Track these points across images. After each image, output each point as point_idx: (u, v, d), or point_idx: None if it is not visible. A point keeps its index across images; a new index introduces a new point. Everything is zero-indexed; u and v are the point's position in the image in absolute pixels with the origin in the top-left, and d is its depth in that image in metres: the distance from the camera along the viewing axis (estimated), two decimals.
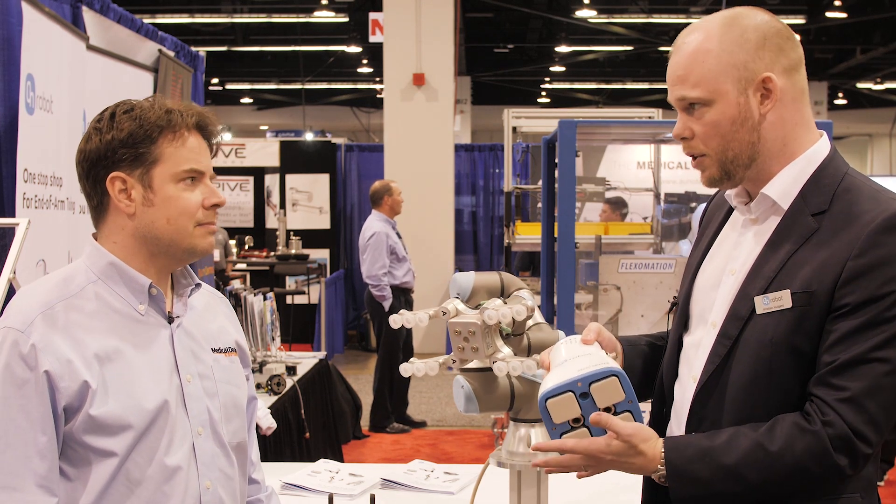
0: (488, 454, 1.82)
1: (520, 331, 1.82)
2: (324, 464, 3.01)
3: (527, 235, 6.65)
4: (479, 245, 12.90)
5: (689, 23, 1.73)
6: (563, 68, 19.25)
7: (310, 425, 4.87)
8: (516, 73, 19.67)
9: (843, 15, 14.43)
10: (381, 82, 12.82)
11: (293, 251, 9.99)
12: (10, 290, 3.02)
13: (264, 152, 12.45)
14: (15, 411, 1.53)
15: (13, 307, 1.62)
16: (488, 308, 1.73)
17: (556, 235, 4.54)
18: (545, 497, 1.78)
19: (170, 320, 1.71)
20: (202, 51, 6.81)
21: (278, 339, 5.07)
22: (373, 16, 11.43)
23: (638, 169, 8.99)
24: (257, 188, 12.56)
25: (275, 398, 4.46)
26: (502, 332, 1.77)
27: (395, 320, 1.79)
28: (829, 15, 14.37)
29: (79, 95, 4.16)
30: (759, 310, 1.60)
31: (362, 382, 9.24)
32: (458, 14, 11.67)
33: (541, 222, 5.57)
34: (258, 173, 12.45)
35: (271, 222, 12.20)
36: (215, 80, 19.45)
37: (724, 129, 1.63)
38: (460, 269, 10.78)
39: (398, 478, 2.88)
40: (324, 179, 12.25)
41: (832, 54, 18.21)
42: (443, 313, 1.75)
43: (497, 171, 12.92)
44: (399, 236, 7.38)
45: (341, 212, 12.68)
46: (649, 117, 7.51)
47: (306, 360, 5.44)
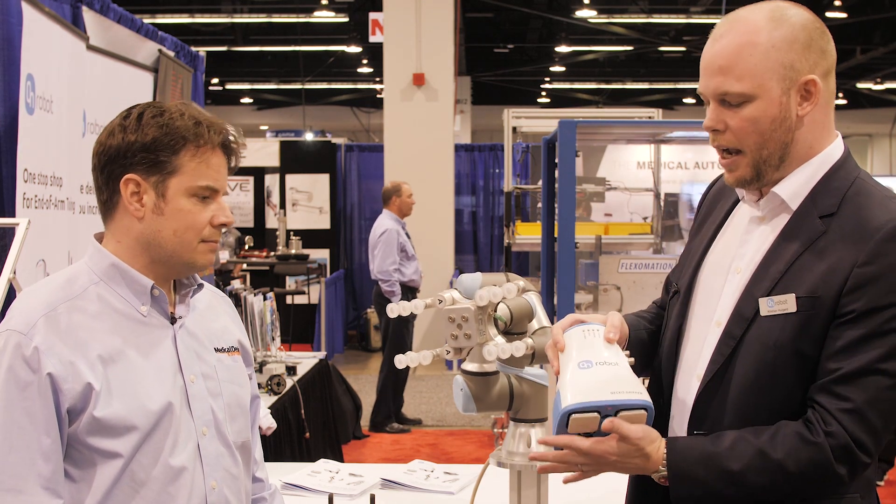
0: (488, 454, 1.82)
1: (520, 329, 1.81)
2: (324, 464, 3.01)
3: (527, 235, 6.65)
4: (479, 245, 12.90)
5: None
6: (563, 68, 19.25)
7: (310, 425, 4.87)
8: (516, 73, 19.67)
9: (843, 15, 14.43)
10: (381, 82, 12.81)
11: (293, 251, 9.99)
12: (11, 290, 3.02)
13: (264, 152, 12.45)
14: (18, 414, 1.53)
15: (16, 309, 1.61)
16: (480, 291, 1.73)
17: (556, 235, 4.54)
18: (545, 497, 1.78)
19: (172, 321, 1.71)
20: (202, 51, 6.81)
21: (278, 339, 5.07)
22: (373, 16, 11.43)
23: (638, 169, 9.00)
24: (257, 188, 12.57)
25: (275, 398, 4.46)
26: (497, 321, 1.77)
27: (393, 309, 1.78)
28: (829, 15, 14.36)
29: (79, 95, 4.16)
30: (763, 312, 1.59)
31: (362, 382, 9.24)
32: (458, 14, 11.67)
33: (541, 222, 5.58)
34: (258, 173, 12.45)
35: (271, 222, 12.21)
36: (215, 80, 19.44)
37: (762, 127, 1.59)
38: (460, 270, 10.79)
39: (398, 478, 2.88)
40: (324, 179, 12.26)
41: None
42: (439, 301, 1.74)
43: (497, 171, 12.92)
44: (408, 236, 7.50)
45: (341, 212, 12.68)
46: (649, 117, 7.51)
47: (306, 360, 5.44)
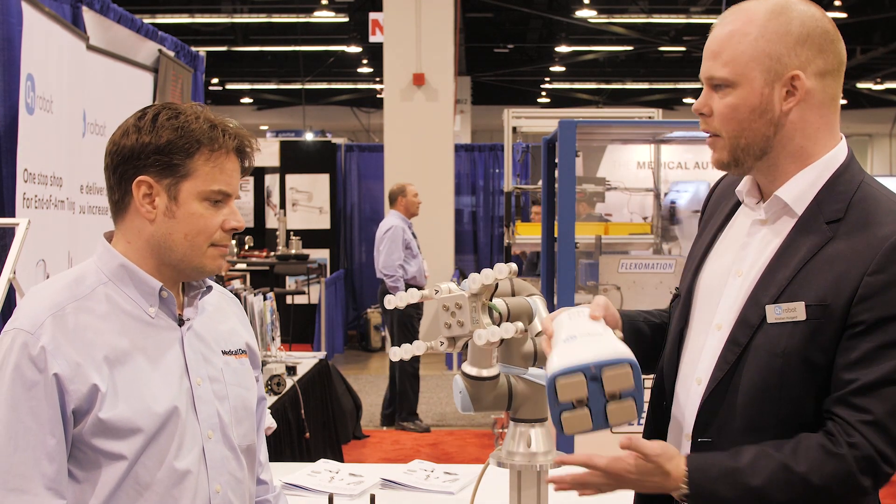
0: (488, 454, 1.82)
1: (516, 318, 1.80)
2: (324, 464, 3.01)
3: (527, 235, 6.65)
4: (479, 245, 12.91)
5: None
6: (563, 68, 19.25)
7: (310, 425, 4.87)
8: (516, 73, 19.67)
9: (843, 15, 14.42)
10: (381, 82, 12.82)
11: (293, 251, 9.99)
12: (11, 289, 3.02)
13: (264, 152, 12.42)
14: (24, 413, 1.53)
15: (23, 308, 1.61)
16: (473, 275, 1.72)
17: (556, 235, 4.54)
18: (545, 497, 1.78)
19: (180, 323, 1.71)
20: (202, 51, 6.81)
21: (278, 339, 5.07)
22: (373, 16, 11.43)
23: (638, 169, 8.98)
24: (257, 188, 12.57)
25: (275, 398, 4.46)
26: (492, 310, 1.76)
27: (390, 300, 1.77)
28: (829, 15, 14.36)
29: (79, 95, 4.16)
30: (770, 319, 1.57)
31: (362, 382, 9.24)
32: (458, 14, 11.67)
33: (541, 222, 5.58)
34: (258, 173, 12.45)
35: (271, 222, 12.21)
36: (215, 80, 19.44)
37: (741, 115, 1.60)
38: (461, 270, 10.79)
39: (398, 478, 2.88)
40: (324, 179, 12.26)
41: None
42: (436, 291, 1.74)
43: (497, 171, 12.92)
44: (414, 235, 7.54)
45: (341, 212, 12.69)
46: (649, 117, 7.51)
47: (306, 360, 5.44)
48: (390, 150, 10.85)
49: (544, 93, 22.13)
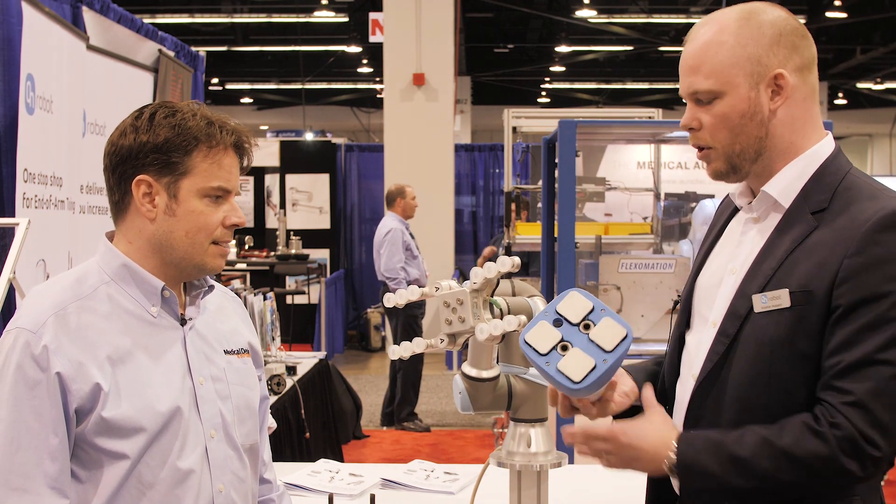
0: (488, 454, 1.82)
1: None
2: (324, 464, 3.01)
3: (527, 235, 6.65)
4: (479, 245, 12.91)
5: (690, 23, 1.74)
6: (563, 68, 19.25)
7: (310, 425, 4.87)
8: (516, 73, 19.67)
9: (843, 15, 14.43)
10: (381, 82, 12.82)
11: (293, 251, 9.99)
12: (11, 290, 3.02)
13: (264, 152, 12.44)
14: (27, 413, 1.53)
15: (26, 307, 1.61)
16: (475, 269, 1.73)
17: (556, 235, 4.54)
18: (545, 497, 1.78)
19: (182, 322, 1.71)
20: (202, 51, 6.81)
21: (278, 339, 5.07)
22: (373, 16, 11.43)
23: (638, 169, 8.99)
24: (257, 188, 12.57)
25: (275, 398, 4.46)
26: (493, 305, 1.76)
27: (389, 298, 1.77)
28: (829, 15, 14.37)
29: (79, 95, 4.17)
30: (757, 308, 1.59)
31: (362, 382, 9.24)
32: (458, 14, 11.67)
33: (541, 222, 5.58)
34: (258, 173, 12.45)
35: (271, 222, 12.21)
36: (215, 80, 19.43)
37: (732, 122, 1.63)
38: (461, 270, 10.79)
39: (398, 478, 2.88)
40: (324, 179, 12.26)
41: (832, 54, 18.21)
42: (436, 289, 1.73)
43: (497, 171, 12.93)
44: (412, 236, 7.56)
45: (341, 212, 12.69)
46: (649, 117, 7.50)
47: (306, 360, 5.44)
48: (390, 150, 10.85)
49: (544, 93, 22.13)
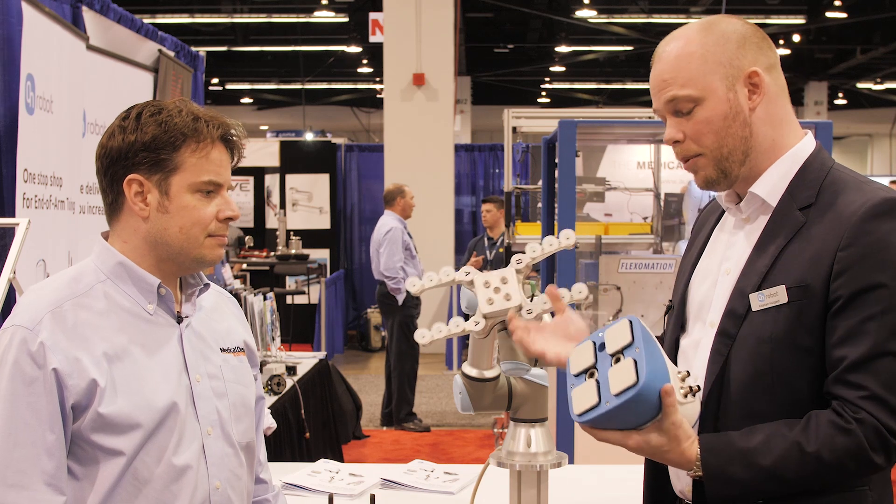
0: (488, 454, 1.82)
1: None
2: (324, 464, 3.01)
3: (527, 235, 6.64)
4: None
5: (690, 22, 1.74)
6: (563, 68, 19.25)
7: (310, 425, 4.87)
8: (516, 73, 19.67)
9: (843, 15, 14.43)
10: (381, 82, 12.82)
11: (293, 251, 10.00)
12: (11, 289, 3.02)
13: (264, 152, 12.45)
14: (23, 409, 1.53)
15: (22, 305, 1.61)
16: (518, 256, 1.73)
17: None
18: (545, 497, 1.78)
19: (179, 320, 1.71)
20: (202, 51, 6.81)
21: (278, 339, 5.07)
22: (373, 16, 11.43)
23: (638, 169, 8.98)
24: (257, 188, 12.58)
25: (275, 398, 4.46)
26: (531, 288, 1.76)
27: (413, 283, 1.76)
28: (829, 15, 14.37)
29: (79, 95, 4.16)
30: (754, 307, 1.60)
31: (362, 382, 9.24)
32: (458, 14, 11.67)
33: (541, 222, 5.58)
34: (258, 173, 12.46)
35: (271, 222, 12.21)
36: (215, 80, 19.44)
37: (716, 126, 1.64)
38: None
39: (398, 478, 2.88)
40: (324, 179, 12.26)
41: (832, 54, 18.22)
42: (466, 273, 1.73)
43: (497, 171, 12.92)
44: (410, 236, 7.57)
45: (341, 212, 12.69)
46: (649, 117, 7.48)
47: (306, 360, 5.44)
48: (390, 150, 10.85)
49: (544, 93, 22.12)
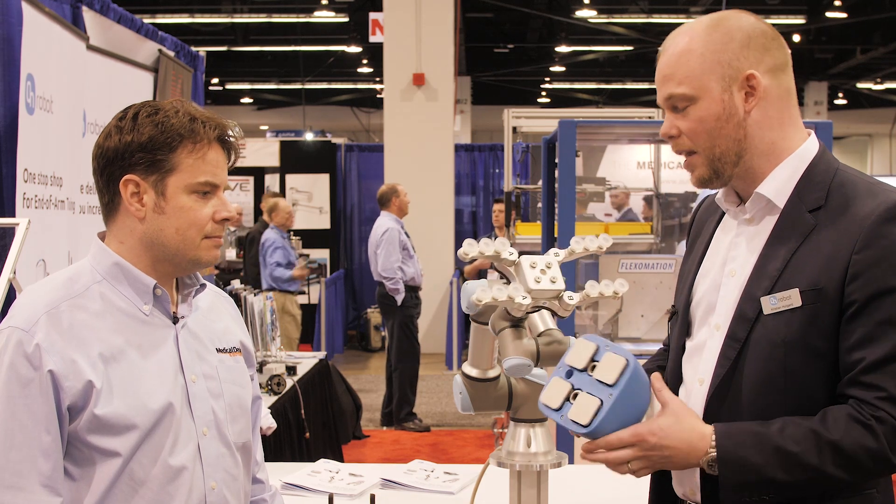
0: (488, 454, 1.82)
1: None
2: (324, 464, 3.01)
3: (527, 235, 6.64)
4: None
5: (700, 18, 1.75)
6: (563, 68, 19.25)
7: (310, 425, 4.87)
8: (516, 73, 19.66)
9: (843, 15, 14.43)
10: (381, 82, 12.82)
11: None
12: (11, 289, 3.02)
13: (264, 152, 12.45)
14: (19, 411, 1.53)
15: (18, 306, 1.61)
16: (563, 252, 1.74)
17: (556, 235, 4.54)
18: (545, 497, 1.78)
19: (175, 321, 1.71)
20: (202, 51, 6.81)
21: (278, 339, 5.07)
22: (373, 16, 11.43)
23: (638, 169, 8.99)
24: (257, 188, 12.57)
25: (275, 398, 4.46)
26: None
27: (470, 243, 1.68)
28: (829, 15, 14.38)
29: (79, 95, 4.16)
30: (766, 310, 1.59)
31: (362, 382, 9.24)
32: (458, 14, 11.67)
33: (541, 222, 5.57)
34: (258, 173, 12.46)
35: None
36: (215, 80, 19.44)
37: (709, 126, 1.65)
38: (460, 270, 10.78)
39: (398, 478, 2.88)
40: (324, 179, 12.27)
41: (832, 54, 18.21)
42: (510, 253, 1.71)
43: (497, 171, 12.92)
44: (408, 235, 7.58)
45: (341, 212, 12.69)
46: (649, 117, 7.50)
47: (306, 360, 5.44)
48: (390, 150, 10.85)
49: (544, 93, 22.12)
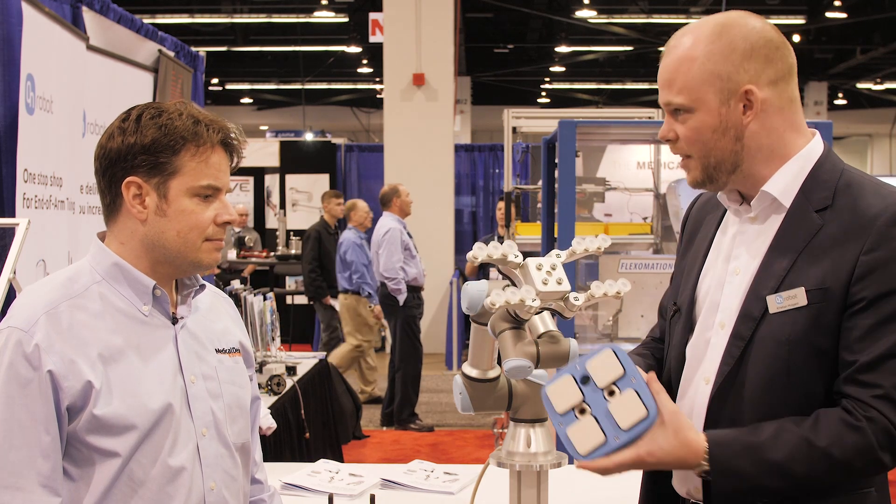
0: (488, 454, 1.82)
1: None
2: (324, 464, 3.01)
3: (527, 235, 6.64)
4: None
5: (689, 23, 1.74)
6: (563, 68, 19.25)
7: (310, 425, 4.86)
8: (516, 73, 19.67)
9: (843, 15, 14.43)
10: (381, 82, 12.82)
11: (293, 251, 10.00)
12: (11, 290, 3.02)
13: (264, 152, 12.45)
14: (19, 411, 1.53)
15: (17, 307, 1.61)
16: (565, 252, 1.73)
17: (556, 235, 4.54)
18: (545, 497, 1.78)
19: (174, 321, 1.71)
20: (202, 51, 6.80)
21: (278, 339, 5.07)
22: (373, 16, 11.43)
23: (638, 169, 8.97)
24: (257, 188, 12.58)
25: (275, 398, 4.46)
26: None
27: (479, 247, 1.68)
28: (829, 15, 14.37)
29: (79, 95, 4.16)
30: (772, 309, 1.60)
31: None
32: (458, 14, 11.67)
33: (541, 222, 5.57)
34: (258, 173, 12.46)
35: (271, 222, 12.21)
36: (215, 80, 19.44)
37: (705, 137, 1.65)
38: (460, 270, 10.78)
39: (398, 478, 2.88)
40: (324, 179, 12.27)
41: (832, 54, 18.21)
42: (515, 256, 1.71)
43: (497, 171, 12.92)
44: (410, 235, 7.58)
45: None
46: (649, 117, 7.49)
47: (306, 361, 5.43)
48: (390, 150, 10.84)
49: (544, 93, 22.12)
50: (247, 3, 15.38)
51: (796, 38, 15.88)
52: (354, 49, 16.75)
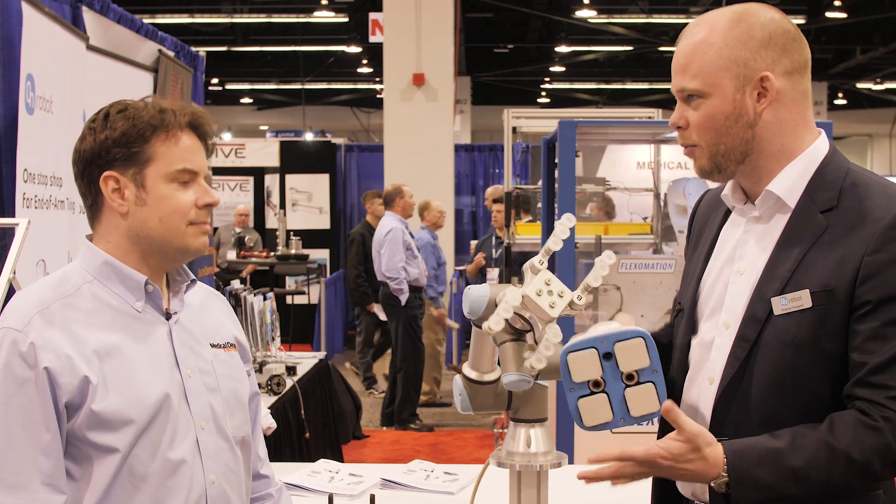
0: (488, 454, 1.82)
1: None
2: (324, 464, 3.01)
3: (527, 235, 6.64)
4: None
5: (689, 23, 1.74)
6: (563, 68, 19.25)
7: (310, 425, 4.87)
8: (516, 73, 19.67)
9: (843, 15, 14.43)
10: (381, 82, 12.82)
11: (293, 251, 9.99)
12: (10, 289, 3.02)
13: (264, 152, 12.45)
14: (17, 410, 1.54)
15: (10, 308, 1.63)
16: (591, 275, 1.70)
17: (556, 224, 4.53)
18: (545, 497, 1.78)
19: (167, 317, 1.72)
20: (202, 51, 6.80)
21: (278, 339, 5.07)
22: (373, 16, 11.42)
23: (638, 169, 8.97)
24: (257, 188, 12.57)
25: (275, 398, 4.46)
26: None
27: (497, 322, 1.60)
28: (829, 15, 14.37)
29: (79, 95, 4.16)
30: (776, 311, 1.59)
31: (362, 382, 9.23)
32: (458, 14, 11.66)
33: (541, 222, 5.57)
34: (258, 173, 12.45)
35: (271, 222, 12.20)
36: (215, 80, 19.44)
37: (717, 123, 1.64)
38: (460, 271, 10.78)
39: (398, 478, 2.88)
40: (324, 179, 12.26)
41: (832, 54, 18.21)
42: (519, 297, 1.67)
43: (497, 171, 12.92)
44: (412, 236, 7.58)
45: (341, 212, 12.68)
46: (649, 117, 7.49)
47: (306, 360, 5.43)
48: (390, 150, 10.84)
49: (544, 93, 22.12)
50: (247, 3, 15.38)
51: (804, 39, 15.88)
52: (354, 49, 16.75)
